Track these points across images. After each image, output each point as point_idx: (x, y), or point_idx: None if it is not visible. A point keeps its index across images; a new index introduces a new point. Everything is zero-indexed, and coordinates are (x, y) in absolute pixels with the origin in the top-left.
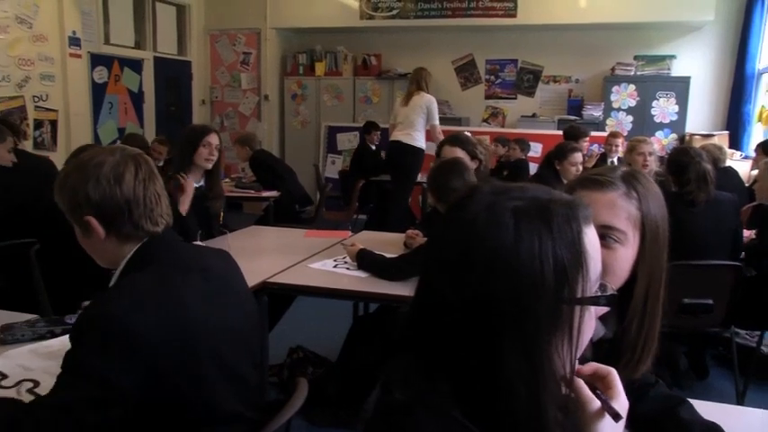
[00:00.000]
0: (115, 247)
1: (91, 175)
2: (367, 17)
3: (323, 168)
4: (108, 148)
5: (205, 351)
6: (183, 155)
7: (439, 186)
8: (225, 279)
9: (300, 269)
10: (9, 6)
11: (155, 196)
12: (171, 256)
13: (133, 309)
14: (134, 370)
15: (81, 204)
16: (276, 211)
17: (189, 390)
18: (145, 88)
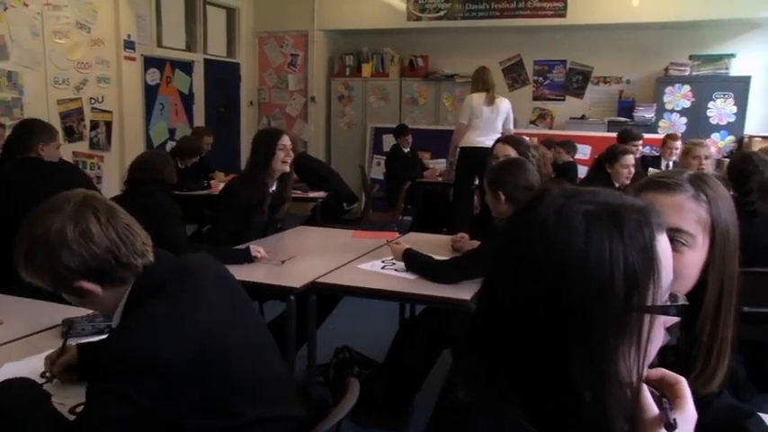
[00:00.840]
0: (115, 294)
1: (60, 249)
2: (414, 18)
3: (368, 169)
4: (53, 205)
5: (227, 361)
6: (259, 160)
7: (505, 183)
8: (227, 280)
9: (349, 270)
10: (71, 12)
11: (126, 229)
12: (171, 280)
13: (151, 336)
14: (155, 391)
15: (66, 278)
16: (323, 211)
17: (218, 401)
18: (195, 90)
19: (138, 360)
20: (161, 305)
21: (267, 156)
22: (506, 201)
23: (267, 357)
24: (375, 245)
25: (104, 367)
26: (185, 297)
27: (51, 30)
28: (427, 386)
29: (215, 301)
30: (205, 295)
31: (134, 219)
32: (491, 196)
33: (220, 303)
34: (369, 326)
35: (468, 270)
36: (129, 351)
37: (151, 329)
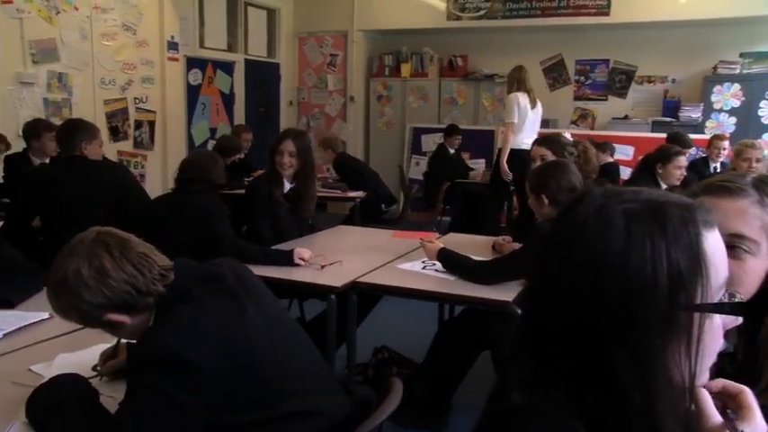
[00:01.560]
0: (144, 320)
1: (79, 288)
2: (454, 18)
3: (407, 169)
4: (69, 248)
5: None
6: (270, 159)
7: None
8: (250, 280)
9: (389, 269)
10: (117, 15)
11: (141, 258)
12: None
13: (183, 335)
14: (193, 388)
15: (92, 313)
16: (362, 210)
17: (251, 395)
18: (235, 90)
19: (167, 357)
20: (187, 308)
21: (271, 157)
22: (550, 204)
23: (300, 352)
24: (415, 245)
25: (138, 364)
26: (210, 298)
27: (99, 32)
28: (465, 387)
29: (240, 300)
30: (230, 295)
31: (151, 246)
32: (534, 200)
33: (246, 302)
34: (407, 326)
35: (508, 271)
36: (159, 349)
37: (179, 329)
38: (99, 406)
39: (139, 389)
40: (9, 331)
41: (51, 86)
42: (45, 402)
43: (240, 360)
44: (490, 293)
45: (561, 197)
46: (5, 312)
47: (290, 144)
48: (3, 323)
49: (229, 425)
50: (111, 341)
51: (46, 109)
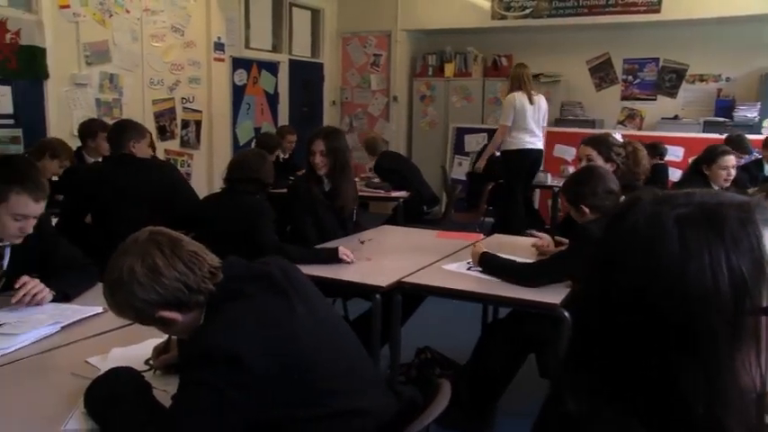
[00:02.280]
0: (195, 318)
1: (133, 286)
2: (499, 17)
3: (450, 170)
4: (124, 247)
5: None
6: (306, 161)
7: (583, 196)
8: (300, 280)
9: (434, 270)
10: (167, 17)
11: (191, 257)
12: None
13: (234, 332)
14: (244, 384)
15: (145, 310)
16: (405, 210)
17: (300, 394)
18: (280, 89)
19: (219, 354)
20: (238, 306)
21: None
22: (591, 211)
23: (348, 351)
24: (460, 245)
25: (190, 361)
26: (260, 297)
27: (149, 34)
28: (510, 390)
29: (289, 299)
30: (279, 294)
31: (201, 245)
32: (574, 211)
33: (295, 301)
34: (450, 327)
35: (554, 273)
36: (211, 346)
37: (230, 327)
38: (153, 399)
39: (192, 385)
40: (66, 324)
41: (103, 87)
42: (102, 394)
43: (289, 359)
44: (537, 296)
45: (600, 202)
46: (63, 306)
47: (320, 143)
48: (61, 316)
49: (278, 422)
50: (162, 336)
51: (98, 109)
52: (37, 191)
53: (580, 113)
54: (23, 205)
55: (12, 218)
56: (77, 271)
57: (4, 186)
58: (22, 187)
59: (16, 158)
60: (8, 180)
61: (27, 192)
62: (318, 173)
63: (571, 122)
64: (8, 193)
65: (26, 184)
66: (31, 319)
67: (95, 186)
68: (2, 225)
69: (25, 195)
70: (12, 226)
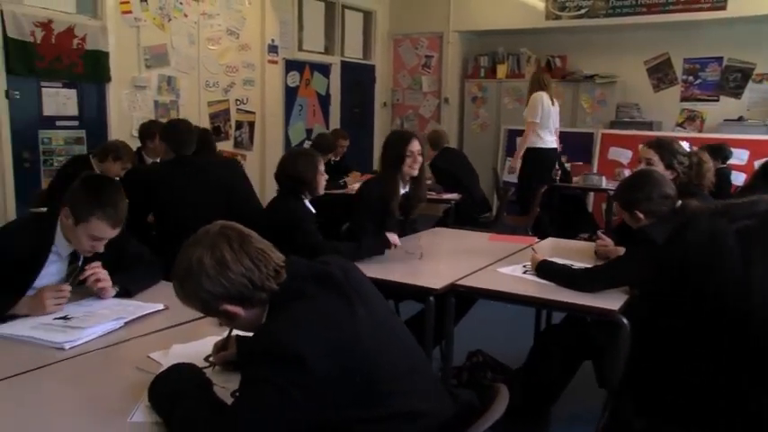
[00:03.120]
0: (257, 314)
1: (200, 277)
2: (553, 17)
3: (501, 172)
4: (195, 238)
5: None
6: (388, 163)
7: (638, 202)
8: (361, 280)
9: (488, 273)
10: (222, 20)
11: (259, 254)
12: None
13: (297, 331)
14: (306, 384)
15: (210, 302)
16: (456, 213)
17: (361, 394)
18: (331, 91)
19: (282, 353)
20: (301, 306)
21: (396, 160)
22: (646, 217)
23: (407, 353)
24: (514, 249)
25: (253, 359)
26: (322, 298)
27: (205, 37)
28: (564, 396)
29: (351, 300)
30: (341, 295)
31: (269, 243)
32: (628, 217)
33: (356, 302)
34: (501, 330)
35: (612, 279)
36: (274, 344)
37: (294, 327)
38: (214, 395)
39: (254, 383)
40: (129, 320)
41: (161, 89)
42: (166, 390)
43: (351, 361)
44: (594, 301)
45: (656, 207)
46: (125, 301)
47: (417, 143)
48: (124, 312)
49: (338, 423)
50: (221, 334)
51: (156, 110)
52: (116, 219)
53: (637, 115)
54: (101, 230)
55: (88, 238)
56: (142, 268)
57: (89, 208)
58: (104, 213)
59: (106, 182)
60: (94, 204)
61: (107, 218)
62: (412, 174)
63: (627, 124)
64: (90, 216)
65: (108, 211)
66: (96, 313)
67: (152, 187)
68: (77, 240)
69: (105, 222)
70: (86, 244)
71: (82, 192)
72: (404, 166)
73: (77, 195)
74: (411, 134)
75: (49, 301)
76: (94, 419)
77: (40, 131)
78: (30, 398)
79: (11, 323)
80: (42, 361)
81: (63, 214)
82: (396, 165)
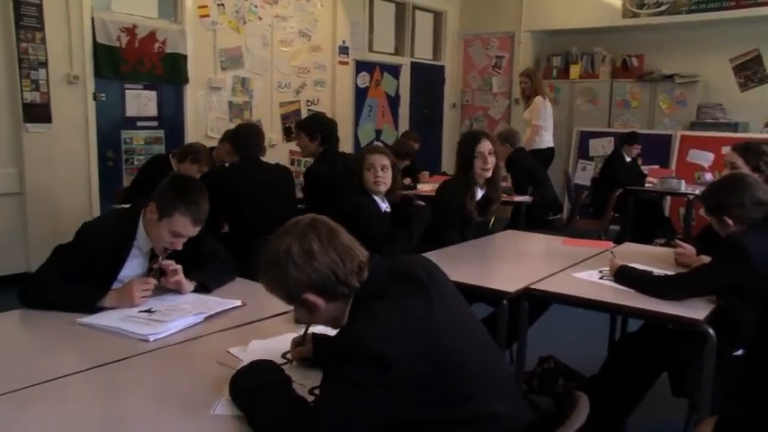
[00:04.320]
0: (337, 308)
1: (288, 265)
2: (630, 15)
3: (573, 174)
4: (286, 228)
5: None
6: (461, 165)
7: (729, 207)
8: (446, 285)
9: (563, 277)
10: (295, 23)
11: (345, 250)
12: (393, 282)
13: (381, 330)
14: (389, 384)
15: (293, 290)
16: (528, 215)
17: (441, 395)
18: (401, 92)
19: (366, 353)
20: (384, 304)
21: (467, 161)
22: (735, 223)
23: (486, 355)
24: (589, 253)
25: (336, 359)
26: (406, 298)
27: (278, 39)
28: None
29: (433, 301)
30: (424, 296)
31: (355, 240)
32: (716, 222)
33: (438, 303)
34: (573, 337)
35: (697, 287)
36: (358, 344)
37: (377, 324)
38: (294, 393)
39: (337, 382)
40: (209, 315)
41: (235, 90)
42: (246, 386)
43: (431, 362)
44: (677, 310)
45: (748, 214)
46: (204, 297)
47: (488, 144)
48: (203, 307)
49: (417, 424)
50: (298, 332)
51: (230, 111)
52: (198, 217)
53: (720, 116)
54: (183, 226)
55: (169, 233)
56: (219, 265)
57: (174, 204)
58: (187, 209)
59: (192, 183)
60: (179, 200)
61: (190, 215)
62: (486, 175)
63: (709, 126)
64: (174, 211)
65: (191, 208)
66: (178, 308)
67: (229, 187)
68: (158, 235)
69: (188, 218)
70: (165, 239)
71: (169, 189)
72: (474, 168)
73: (165, 192)
74: (481, 134)
75: (137, 293)
76: (178, 410)
77: (123, 132)
78: (116, 387)
79: (99, 315)
80: (128, 352)
81: (149, 209)
82: (467, 166)
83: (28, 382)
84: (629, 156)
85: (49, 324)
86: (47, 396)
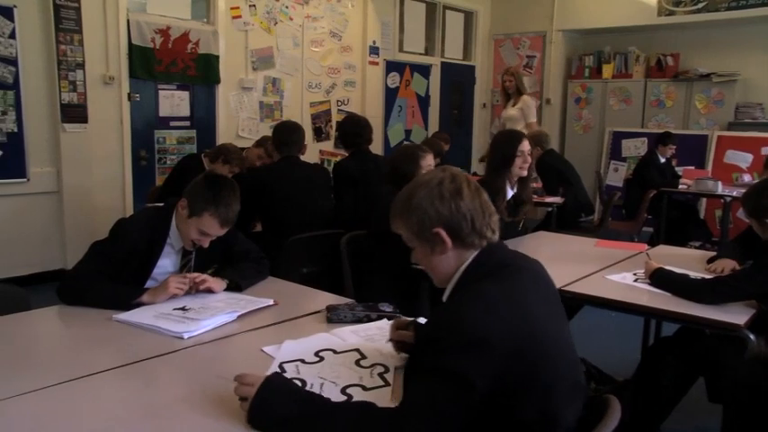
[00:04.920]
0: (457, 256)
1: (435, 193)
2: (666, 13)
3: (604, 175)
4: (441, 168)
5: (550, 359)
6: (497, 163)
7: (762, 208)
8: (549, 283)
9: (597, 279)
10: (326, 23)
11: (485, 205)
12: (507, 263)
13: (486, 315)
14: (487, 373)
15: (428, 221)
16: (559, 216)
17: (530, 396)
18: (431, 92)
19: (473, 335)
20: (493, 287)
21: (505, 160)
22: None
23: (574, 360)
24: (623, 255)
25: (433, 341)
26: (518, 283)
27: (309, 39)
28: (674, 413)
29: (541, 293)
30: (534, 286)
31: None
32: (757, 225)
33: (543, 297)
34: (605, 340)
35: (737, 291)
36: (459, 323)
37: (482, 305)
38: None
39: (439, 371)
40: (242, 313)
41: (266, 90)
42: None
43: (532, 355)
44: (716, 314)
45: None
46: (236, 295)
47: (527, 143)
48: (236, 305)
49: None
50: (330, 332)
51: (261, 111)
52: (227, 219)
53: (760, 116)
54: (210, 226)
55: (197, 231)
56: (251, 264)
57: (204, 204)
58: (216, 211)
59: (225, 184)
60: (209, 200)
61: (219, 217)
62: (522, 173)
63: (748, 126)
64: (204, 212)
65: (220, 210)
66: (211, 306)
67: (267, 188)
68: (186, 231)
69: (216, 219)
70: (193, 237)
71: (202, 188)
72: (513, 167)
73: (197, 190)
74: (521, 134)
75: (172, 285)
76: (211, 408)
77: (156, 131)
78: (150, 384)
79: (134, 311)
80: (163, 349)
81: (180, 205)
82: (505, 165)
83: (65, 377)
84: (664, 156)
85: (85, 320)
86: (82, 391)
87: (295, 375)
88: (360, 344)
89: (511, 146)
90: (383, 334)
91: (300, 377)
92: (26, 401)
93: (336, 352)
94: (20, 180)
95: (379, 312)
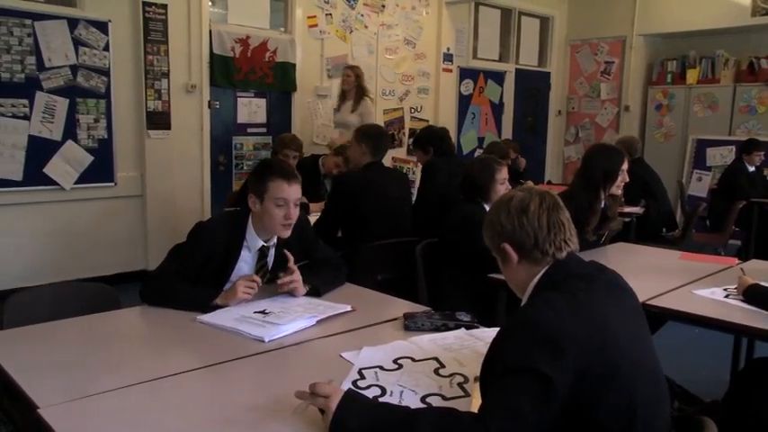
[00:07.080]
0: (526, 271)
1: (503, 209)
2: (763, 13)
3: (687, 185)
4: (523, 186)
5: (626, 366)
6: (594, 178)
7: None
8: (626, 290)
9: (683, 294)
10: (400, 31)
11: (557, 222)
12: (577, 273)
13: (562, 315)
14: (567, 372)
15: (497, 236)
16: (639, 227)
17: (609, 397)
18: (505, 99)
19: (548, 333)
20: (560, 296)
21: (606, 176)
22: None
23: (654, 375)
24: (710, 270)
25: (506, 343)
26: (587, 289)
27: (383, 47)
28: None
29: (613, 299)
30: (606, 292)
31: (573, 226)
32: None
33: (616, 303)
34: (691, 358)
35: None
36: (531, 323)
37: (554, 308)
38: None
39: (515, 371)
40: (321, 318)
41: None
42: None
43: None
44: None
45: None
46: (315, 300)
47: (627, 162)
48: (315, 310)
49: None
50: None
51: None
52: (288, 174)
53: None
54: (279, 188)
55: (274, 204)
56: (330, 269)
57: (262, 178)
58: (274, 174)
59: (265, 160)
60: (264, 172)
61: (279, 176)
62: (617, 193)
63: None
64: (267, 183)
65: (276, 170)
66: (291, 310)
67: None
68: (270, 216)
69: (279, 179)
70: (277, 214)
71: (252, 174)
72: (613, 185)
73: (250, 180)
74: (623, 151)
75: (240, 289)
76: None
77: (234, 138)
78: (233, 386)
79: (215, 313)
80: (244, 352)
81: (250, 202)
82: (604, 181)
83: (149, 376)
84: (752, 165)
85: (168, 321)
86: (166, 391)
87: (374, 382)
88: (438, 353)
89: (615, 163)
90: (461, 343)
91: (380, 384)
92: (112, 398)
93: (415, 360)
94: (108, 184)
95: (456, 321)
